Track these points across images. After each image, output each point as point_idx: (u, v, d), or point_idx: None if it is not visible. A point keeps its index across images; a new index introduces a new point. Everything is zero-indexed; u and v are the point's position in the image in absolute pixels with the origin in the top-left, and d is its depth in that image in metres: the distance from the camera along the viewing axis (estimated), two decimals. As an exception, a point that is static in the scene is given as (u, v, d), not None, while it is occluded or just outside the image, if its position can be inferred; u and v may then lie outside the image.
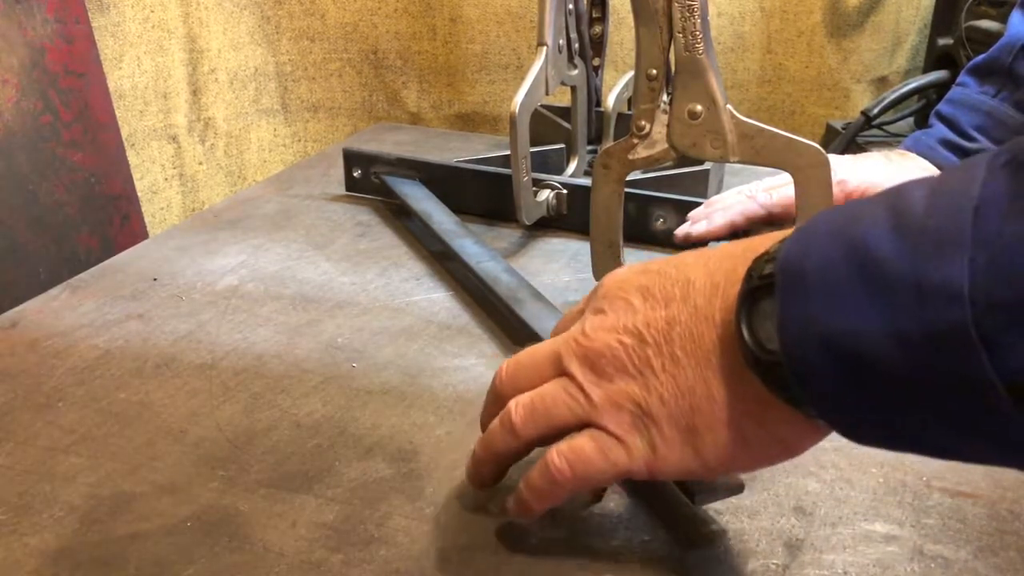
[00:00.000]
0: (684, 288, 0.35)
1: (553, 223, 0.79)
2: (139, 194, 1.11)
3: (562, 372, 0.37)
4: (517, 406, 0.38)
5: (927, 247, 0.26)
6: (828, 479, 0.47)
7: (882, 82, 1.26)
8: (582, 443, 0.36)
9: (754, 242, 0.34)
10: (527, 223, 0.75)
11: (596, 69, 0.94)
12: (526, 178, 0.72)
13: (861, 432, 0.30)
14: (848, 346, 0.28)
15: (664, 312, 0.35)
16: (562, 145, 0.89)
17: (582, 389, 0.36)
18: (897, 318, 0.27)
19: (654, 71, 0.56)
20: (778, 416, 0.33)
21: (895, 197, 0.28)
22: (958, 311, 0.25)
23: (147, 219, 1.13)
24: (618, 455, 0.35)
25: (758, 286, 0.31)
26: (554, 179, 0.79)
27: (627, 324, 0.36)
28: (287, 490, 0.46)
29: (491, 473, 0.42)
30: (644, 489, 0.46)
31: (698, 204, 0.73)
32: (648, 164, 0.59)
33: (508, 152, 0.71)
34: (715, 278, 0.34)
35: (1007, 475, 0.48)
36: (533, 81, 0.71)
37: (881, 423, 0.29)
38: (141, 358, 0.58)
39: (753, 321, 0.31)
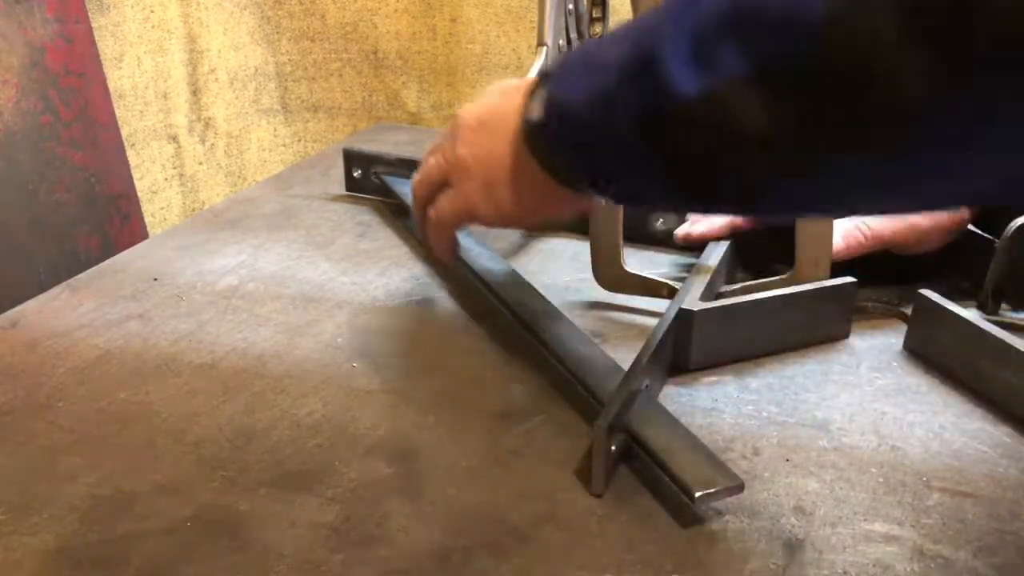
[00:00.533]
0: (517, 93, 0.47)
1: (553, 223, 0.79)
2: (139, 194, 1.11)
3: (440, 152, 0.53)
4: (414, 181, 0.57)
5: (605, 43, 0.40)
6: (828, 479, 0.47)
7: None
8: (446, 196, 0.53)
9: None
10: (527, 223, 0.75)
11: (596, 69, 0.94)
12: (526, 178, 0.72)
13: (604, 188, 0.43)
14: (566, 110, 0.41)
15: (490, 105, 0.49)
16: (562, 145, 0.88)
17: (444, 156, 0.52)
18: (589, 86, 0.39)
19: (654, 71, 0.56)
20: (542, 180, 0.45)
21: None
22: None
23: (147, 219, 1.13)
24: (459, 202, 0.51)
25: (542, 77, 0.44)
26: (554, 179, 0.79)
27: (471, 113, 0.51)
28: (287, 490, 0.46)
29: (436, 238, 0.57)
30: (644, 489, 0.46)
31: (698, 204, 0.73)
32: (648, 164, 0.59)
33: (508, 152, 0.71)
34: (522, 88, 0.46)
35: (1007, 475, 0.48)
36: (533, 81, 0.71)
37: (610, 175, 0.41)
38: (141, 358, 0.58)
39: (531, 104, 0.44)
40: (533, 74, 0.70)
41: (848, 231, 0.64)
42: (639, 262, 0.73)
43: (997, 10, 0.25)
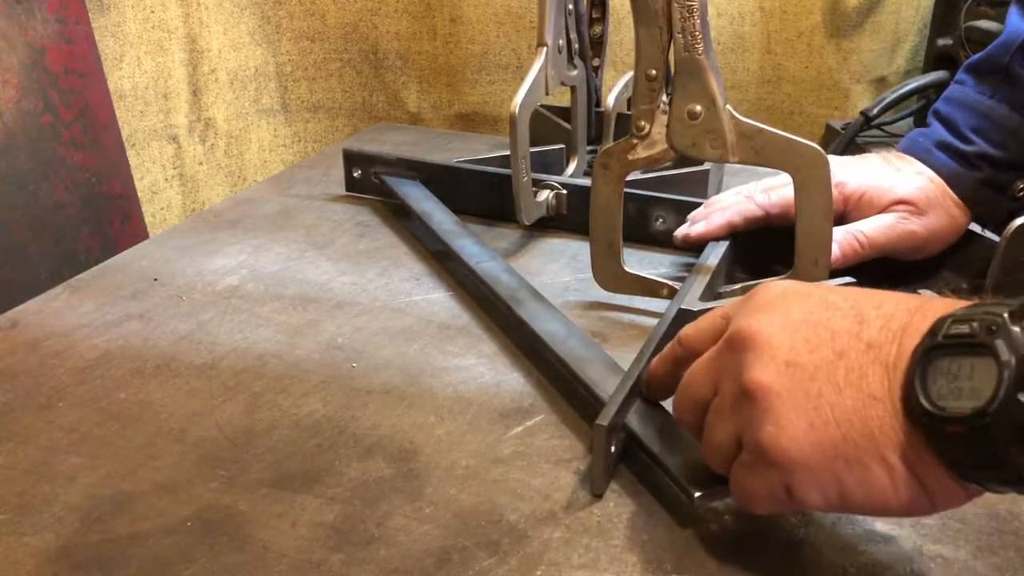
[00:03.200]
0: (857, 324, 0.36)
1: (553, 223, 0.79)
2: (139, 194, 1.11)
3: (720, 370, 0.39)
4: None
5: None
6: (828, 479, 0.47)
7: (882, 82, 1.26)
8: (748, 478, 0.38)
9: (931, 303, 0.35)
10: (527, 223, 0.75)
11: (596, 69, 0.94)
12: (526, 178, 0.72)
13: None
14: None
15: (831, 341, 0.36)
16: (562, 145, 0.89)
17: (750, 436, 0.37)
18: None
19: (654, 71, 0.56)
20: (932, 473, 0.33)
21: None
22: None
23: (147, 219, 1.13)
24: (773, 489, 0.37)
25: (941, 344, 0.32)
26: (554, 179, 0.79)
27: (788, 322, 0.37)
28: (287, 490, 0.46)
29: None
30: (644, 489, 0.46)
31: (698, 204, 0.73)
32: (648, 164, 0.59)
33: (508, 152, 0.71)
34: (892, 325, 0.35)
35: (1006, 475, 0.48)
36: (533, 81, 0.71)
37: None
38: (141, 358, 0.58)
39: (928, 377, 0.32)
40: (531, 81, 0.70)
41: (845, 240, 0.64)
42: (639, 262, 0.73)
43: None
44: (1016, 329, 0.31)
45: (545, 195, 0.77)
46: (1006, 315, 0.31)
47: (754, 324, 0.37)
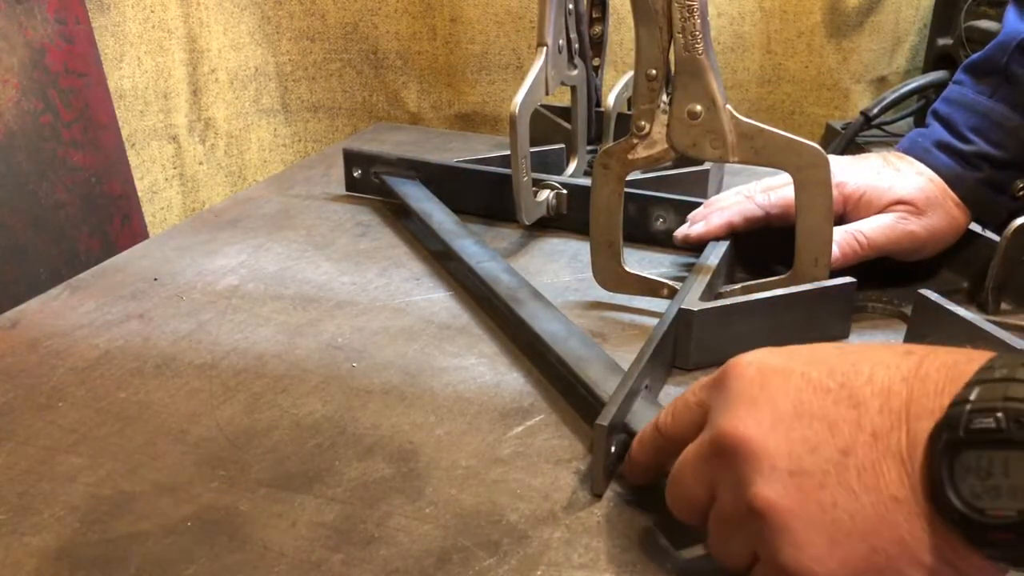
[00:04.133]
0: (853, 409, 0.32)
1: (553, 223, 0.79)
2: (139, 194, 1.11)
3: (715, 476, 0.35)
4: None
5: None
6: (828, 479, 0.47)
7: (882, 82, 1.26)
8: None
9: (924, 364, 0.32)
10: (527, 223, 0.75)
11: (596, 69, 0.94)
12: (526, 178, 0.72)
13: None
14: None
15: (832, 437, 0.32)
16: (562, 145, 0.89)
17: (739, 500, 0.33)
18: None
19: (654, 71, 0.56)
20: (971, 562, 0.30)
21: None
22: None
23: (147, 219, 1.13)
24: None
25: (965, 440, 0.29)
26: (554, 179, 0.79)
27: (781, 424, 0.33)
28: (287, 490, 0.46)
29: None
30: (644, 489, 0.46)
31: (698, 204, 0.73)
32: (648, 164, 0.59)
33: (508, 152, 0.71)
34: (892, 403, 0.31)
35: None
36: (533, 81, 0.71)
37: None
38: (141, 358, 0.58)
39: (955, 474, 0.29)
40: (531, 81, 0.70)
41: (844, 240, 0.64)
42: (639, 262, 0.73)
43: None
44: None
45: (545, 195, 0.77)
46: None
47: (740, 427, 0.33)
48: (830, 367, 0.34)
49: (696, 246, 0.69)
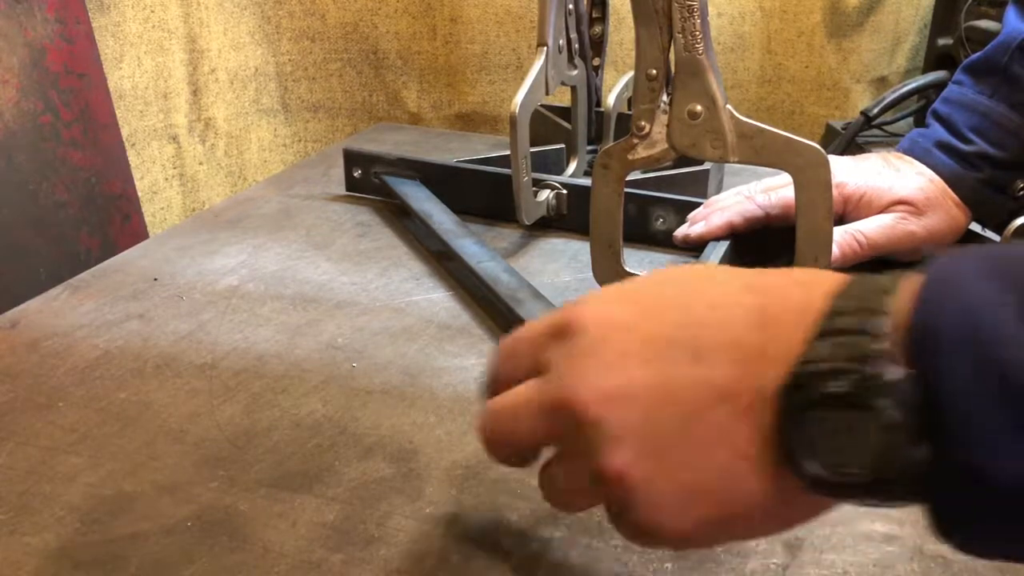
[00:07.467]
0: (699, 364, 0.31)
1: (553, 223, 0.79)
2: (139, 194, 1.11)
3: (554, 435, 0.34)
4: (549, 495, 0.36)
5: None
6: (828, 479, 0.47)
7: (882, 82, 1.26)
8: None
9: (772, 305, 0.31)
10: (527, 223, 0.75)
11: (596, 69, 0.94)
12: (526, 178, 0.72)
13: (970, 547, 0.28)
14: (985, 481, 0.25)
15: (678, 396, 0.31)
16: (562, 145, 0.89)
17: (585, 466, 0.32)
18: None
19: (654, 71, 0.56)
20: (814, 503, 0.31)
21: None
22: None
23: (147, 219, 1.13)
24: (626, 519, 0.33)
25: (812, 402, 0.28)
26: (554, 179, 0.79)
27: (625, 390, 0.31)
28: (287, 490, 0.46)
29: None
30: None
31: (698, 204, 0.73)
32: (648, 164, 0.59)
33: (508, 152, 0.71)
34: (739, 355, 0.30)
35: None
36: (533, 81, 0.71)
37: (1004, 545, 0.27)
38: (141, 358, 0.58)
39: (803, 434, 0.28)
40: (531, 81, 0.70)
41: (844, 240, 0.64)
42: (639, 262, 0.73)
43: None
44: (893, 375, 0.26)
45: (545, 195, 0.77)
46: (880, 361, 0.26)
47: (582, 392, 0.32)
48: (675, 317, 0.32)
49: (696, 246, 0.69)
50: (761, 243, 0.68)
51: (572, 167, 0.86)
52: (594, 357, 0.32)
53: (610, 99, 0.84)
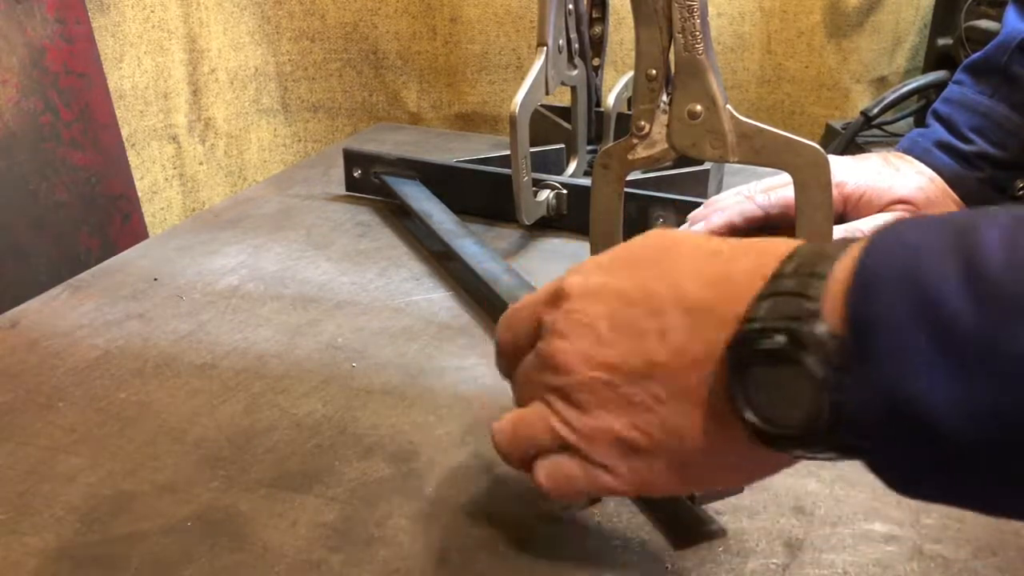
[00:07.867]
0: (659, 321, 0.33)
1: (553, 223, 0.79)
2: (139, 194, 1.11)
3: (541, 396, 0.37)
4: (499, 434, 0.39)
5: (1005, 312, 0.24)
6: (828, 479, 0.47)
7: (882, 82, 1.26)
8: (570, 468, 0.36)
9: (731, 266, 0.33)
10: (527, 223, 0.75)
11: (596, 69, 0.94)
12: (526, 178, 0.72)
13: (912, 490, 0.29)
14: (915, 414, 0.26)
15: (639, 348, 0.34)
16: (562, 145, 0.89)
17: (565, 422, 0.36)
18: (972, 389, 0.25)
19: (654, 71, 0.56)
20: (779, 461, 0.34)
21: (965, 242, 0.26)
22: None
23: (147, 219, 1.13)
24: (605, 480, 0.35)
25: (753, 359, 0.30)
26: (554, 179, 0.79)
27: (598, 358, 0.35)
28: (287, 490, 0.46)
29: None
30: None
31: (698, 204, 0.73)
32: (648, 164, 0.59)
33: (508, 152, 0.71)
34: (695, 313, 0.33)
35: (1006, 475, 0.48)
36: (533, 81, 0.71)
37: (939, 483, 0.28)
38: (141, 358, 0.58)
39: (747, 388, 0.30)
40: (531, 81, 0.70)
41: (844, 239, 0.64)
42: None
43: None
44: (821, 331, 0.27)
45: (545, 195, 0.77)
46: (812, 320, 0.28)
47: (559, 355, 0.36)
48: (642, 279, 0.35)
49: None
50: None
51: (572, 167, 0.86)
52: (575, 320, 0.36)
53: (610, 99, 0.84)
